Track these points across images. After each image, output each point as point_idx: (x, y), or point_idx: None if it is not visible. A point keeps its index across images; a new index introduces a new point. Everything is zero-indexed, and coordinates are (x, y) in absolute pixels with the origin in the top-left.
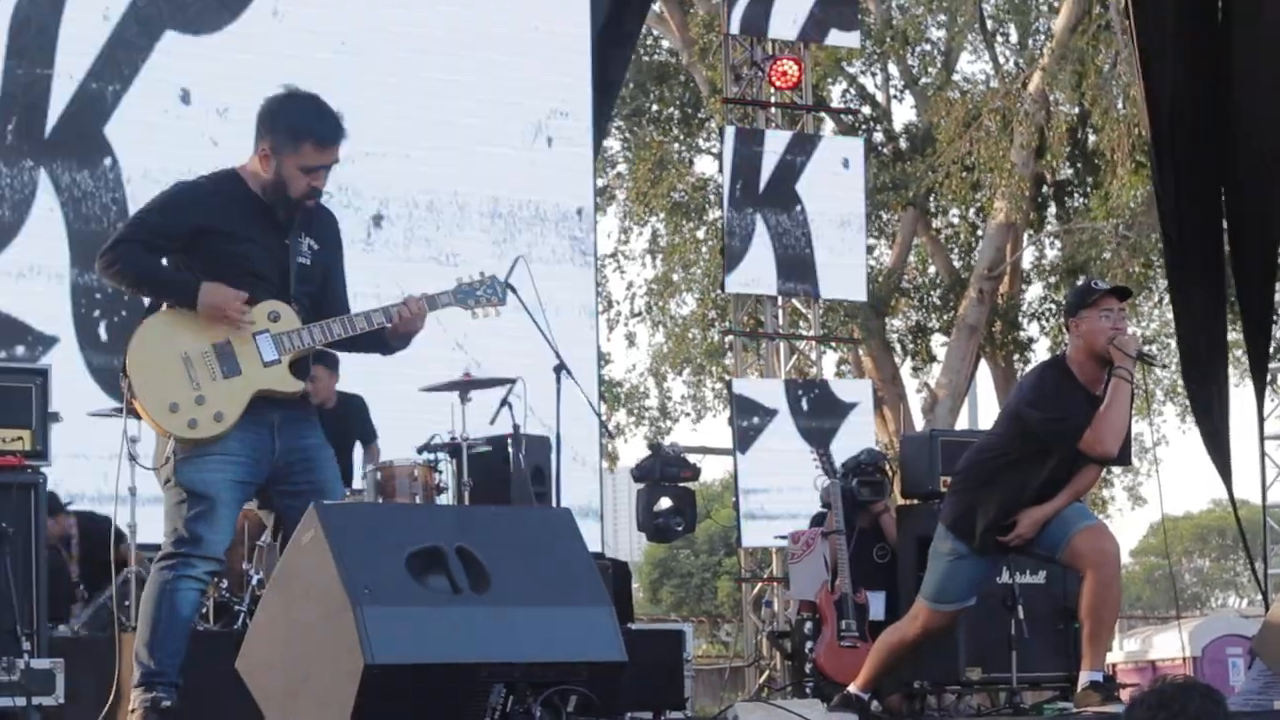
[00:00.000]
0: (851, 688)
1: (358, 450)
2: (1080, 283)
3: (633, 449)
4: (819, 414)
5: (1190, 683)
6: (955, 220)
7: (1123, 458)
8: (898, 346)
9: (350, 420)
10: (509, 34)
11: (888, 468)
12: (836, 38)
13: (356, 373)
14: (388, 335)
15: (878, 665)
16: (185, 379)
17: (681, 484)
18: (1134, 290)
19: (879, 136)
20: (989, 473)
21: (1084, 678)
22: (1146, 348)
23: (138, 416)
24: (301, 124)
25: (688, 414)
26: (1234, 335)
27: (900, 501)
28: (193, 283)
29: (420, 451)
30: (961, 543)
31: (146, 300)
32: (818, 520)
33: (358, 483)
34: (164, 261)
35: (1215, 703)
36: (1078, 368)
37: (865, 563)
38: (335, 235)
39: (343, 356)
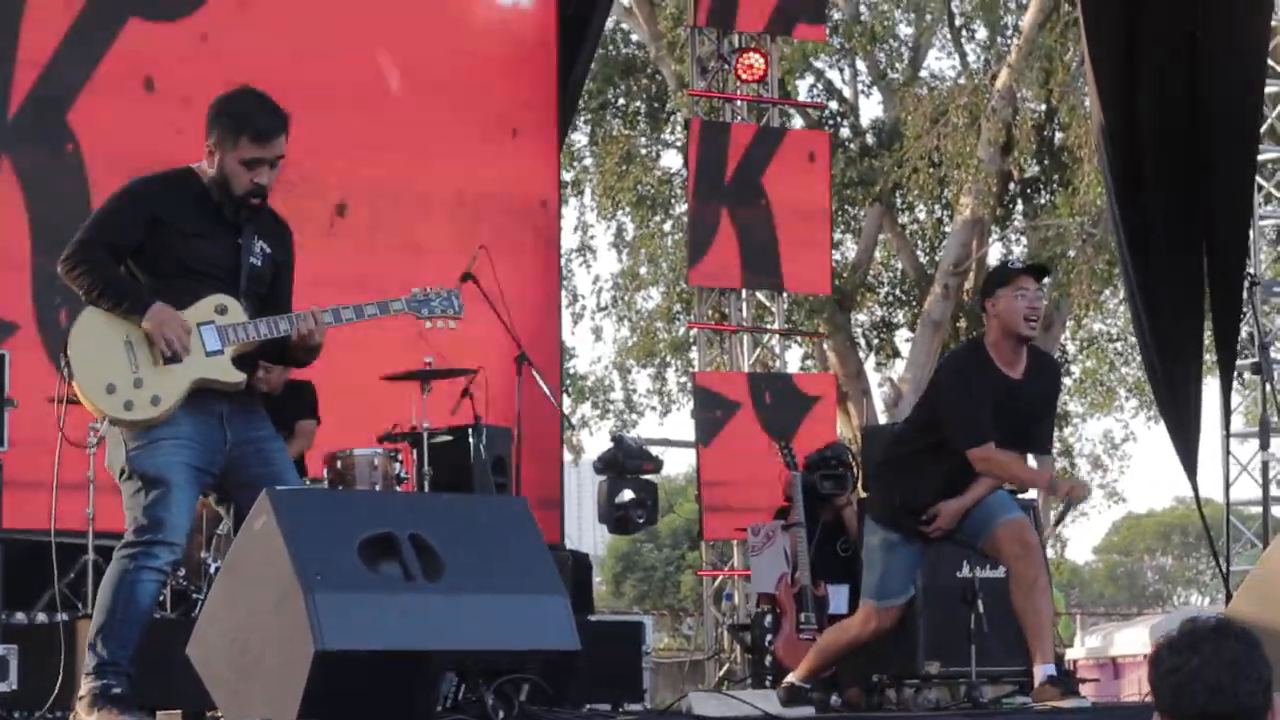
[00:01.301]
0: (793, 677)
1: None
2: (996, 264)
3: (598, 442)
4: (782, 407)
5: (1224, 624)
6: (921, 216)
7: (1041, 444)
8: (862, 341)
9: (296, 406)
10: (476, 24)
11: (851, 461)
12: (804, 32)
13: (317, 360)
14: (292, 347)
15: (821, 661)
16: (125, 362)
17: (643, 476)
18: (1099, 286)
19: (846, 132)
20: (910, 459)
21: (1039, 673)
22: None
23: (76, 400)
24: (240, 117)
25: (653, 408)
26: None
27: (862, 493)
28: (142, 302)
29: (380, 441)
30: (891, 531)
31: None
32: (779, 513)
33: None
34: (123, 266)
35: (1252, 645)
36: (994, 349)
37: (828, 556)
38: (288, 245)
39: None
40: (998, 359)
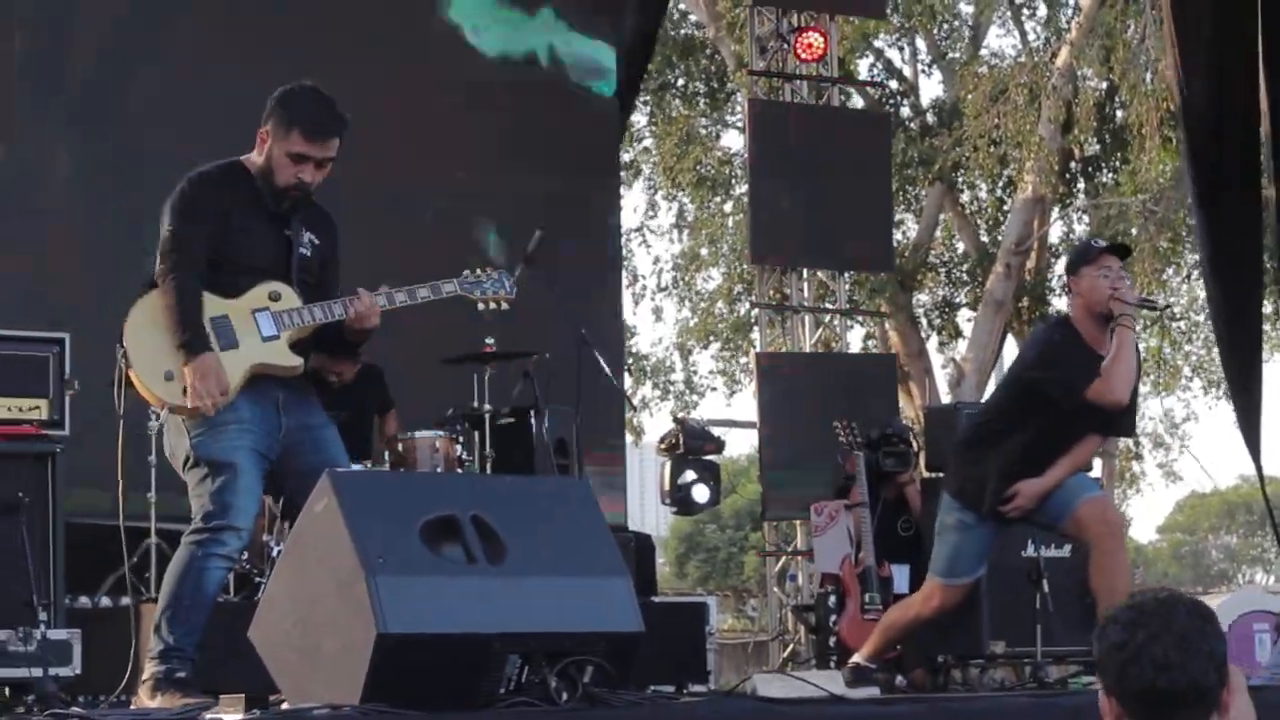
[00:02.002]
0: (859, 657)
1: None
2: (1080, 242)
3: (659, 423)
4: (845, 387)
5: (1174, 596)
6: (982, 195)
7: (1128, 426)
8: (924, 321)
9: (367, 391)
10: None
11: (913, 439)
12: (863, 10)
13: (377, 344)
14: (346, 331)
15: (886, 640)
16: None
17: (706, 457)
18: (1161, 264)
19: (906, 111)
20: (990, 438)
21: None
22: (1149, 297)
23: (133, 388)
24: (296, 111)
25: (714, 388)
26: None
27: (925, 474)
28: (198, 344)
29: (442, 424)
30: (968, 512)
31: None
32: (841, 492)
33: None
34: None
35: (1204, 618)
36: (1080, 326)
37: (889, 535)
38: (333, 239)
39: None
40: (1084, 334)
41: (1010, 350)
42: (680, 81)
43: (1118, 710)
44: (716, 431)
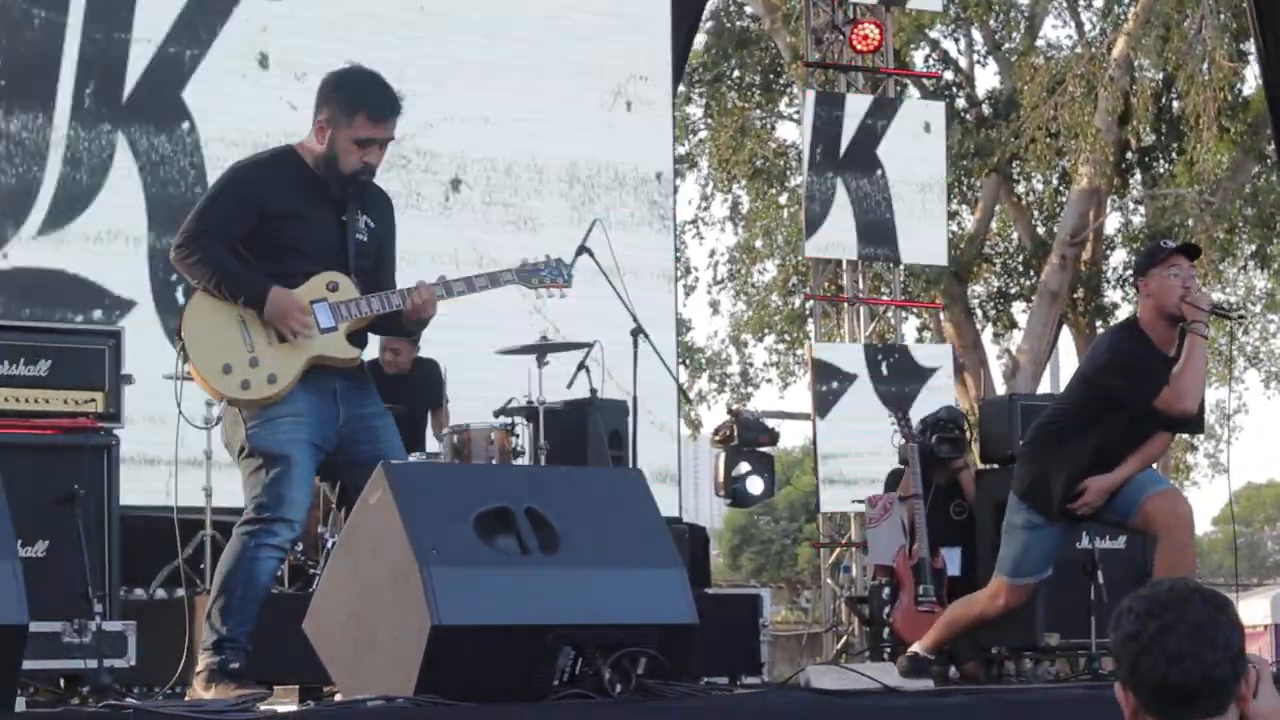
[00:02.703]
0: (917, 647)
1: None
2: (1149, 242)
3: (716, 416)
4: (899, 379)
5: (1188, 586)
6: (1038, 186)
7: (1197, 424)
8: (979, 312)
9: (426, 385)
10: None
11: (967, 425)
12: (919, 1)
13: (434, 336)
14: (403, 320)
15: (948, 634)
16: (240, 342)
17: (760, 449)
18: (1217, 255)
19: (961, 102)
20: (1058, 439)
21: None
22: (1221, 301)
23: (191, 379)
24: (356, 95)
25: (769, 380)
26: None
27: (979, 465)
28: (261, 290)
29: (497, 415)
30: (1036, 513)
31: None
32: (893, 477)
33: (433, 446)
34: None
35: (1219, 609)
36: (1150, 329)
37: (942, 519)
38: (390, 216)
39: None
40: (1153, 336)
41: (1066, 342)
42: (735, 73)
43: (1134, 703)
44: (771, 424)
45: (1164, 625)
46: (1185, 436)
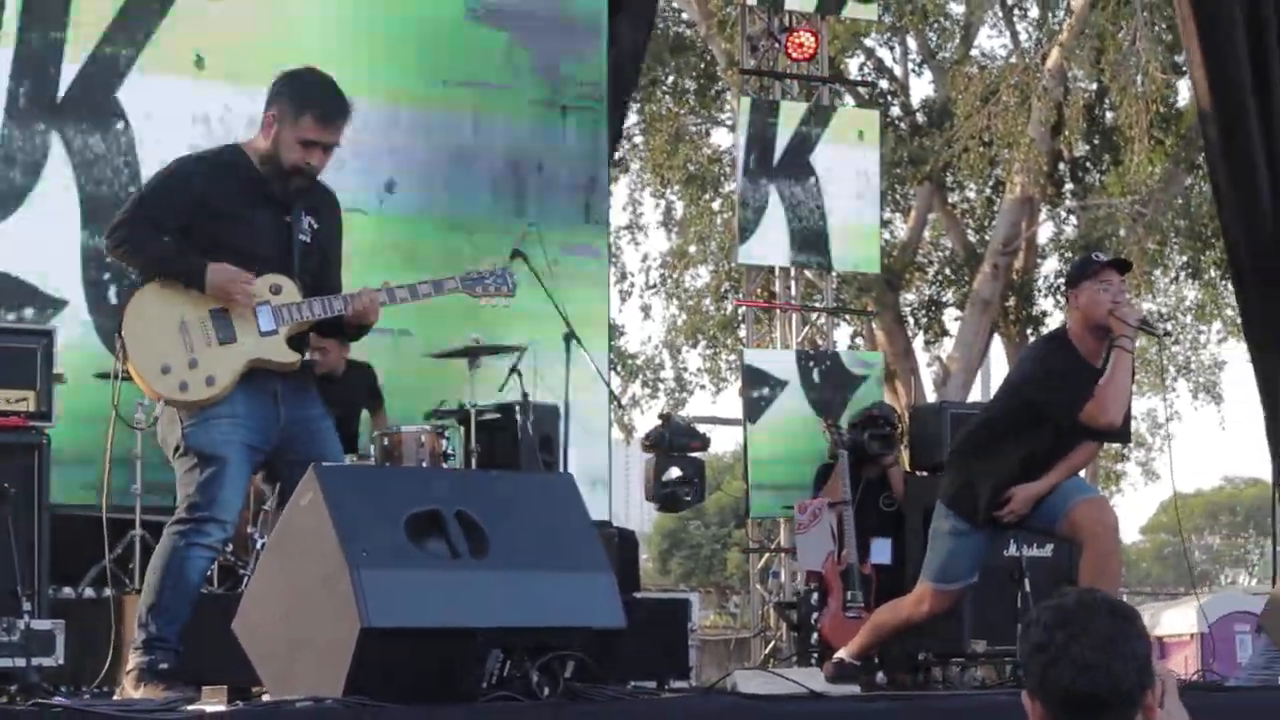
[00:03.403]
0: (844, 653)
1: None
2: (1081, 254)
3: (648, 421)
4: (830, 386)
5: (1096, 597)
6: (971, 195)
7: (1123, 433)
8: (911, 320)
9: (357, 388)
10: (526, 4)
11: (898, 422)
12: (854, 10)
13: (365, 339)
14: (345, 325)
15: (874, 639)
16: (180, 343)
17: (691, 454)
18: (1148, 266)
19: (896, 110)
20: (985, 447)
21: None
22: (1149, 317)
23: (130, 379)
24: (306, 96)
25: (702, 386)
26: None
27: (908, 470)
28: (199, 264)
29: (428, 418)
30: (962, 519)
31: None
32: (822, 473)
33: (366, 449)
34: (167, 240)
35: (1126, 619)
36: (1078, 340)
37: (872, 511)
38: (336, 215)
39: None
40: (1081, 348)
41: (997, 350)
42: (670, 79)
43: (1041, 712)
44: (702, 429)
45: (1071, 635)
46: (1116, 445)
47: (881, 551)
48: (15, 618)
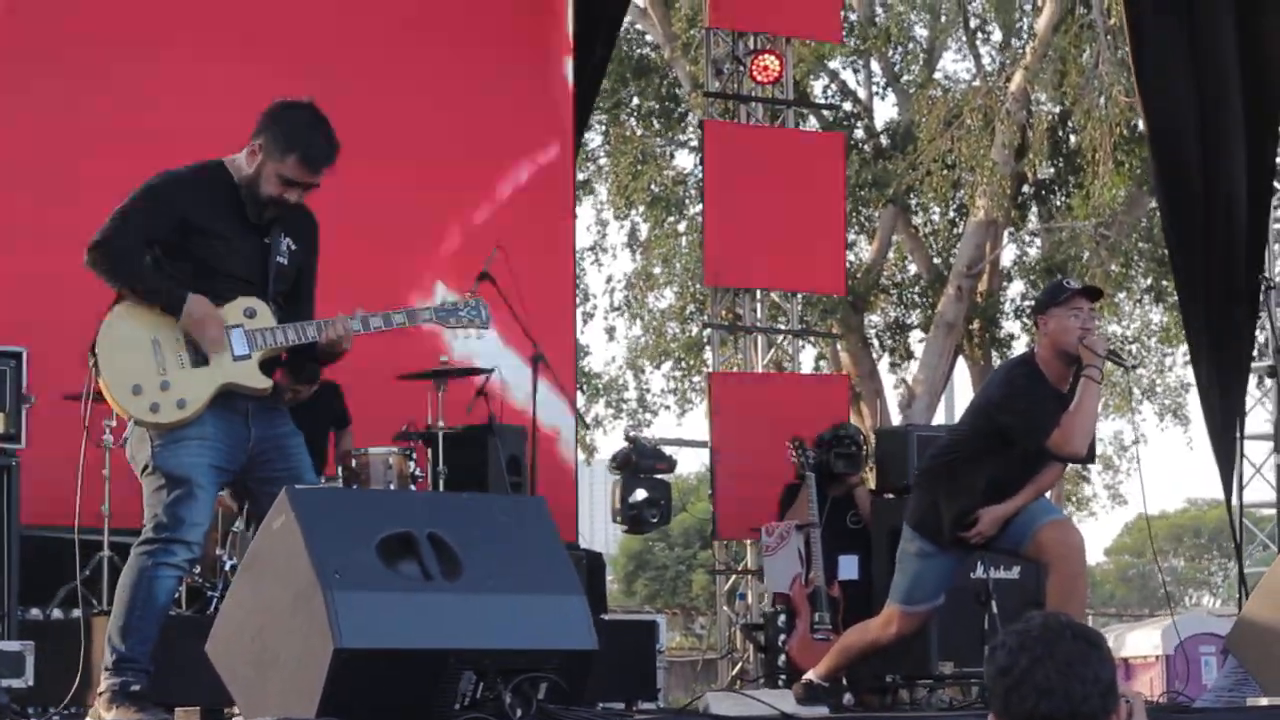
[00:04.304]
0: (812, 674)
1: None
2: (1052, 281)
3: (611, 441)
4: (795, 408)
5: (1060, 621)
6: (935, 217)
7: (1087, 457)
8: (876, 342)
9: (323, 407)
10: (489, 25)
11: (863, 441)
12: (819, 33)
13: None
14: (317, 351)
15: (842, 661)
16: (152, 363)
17: (657, 475)
18: (1113, 289)
19: (860, 133)
20: (951, 469)
21: None
22: (1117, 347)
23: (102, 398)
24: (295, 136)
25: (668, 407)
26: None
27: (873, 489)
28: (179, 295)
29: (395, 439)
30: (928, 541)
31: None
32: (789, 493)
33: (333, 469)
34: (148, 259)
35: (1090, 644)
36: (1045, 365)
37: (839, 527)
38: (313, 238)
39: None
40: (1048, 374)
41: (961, 372)
42: (634, 101)
43: None
44: (668, 450)
45: (1035, 659)
46: (1077, 467)
47: (849, 568)
48: None
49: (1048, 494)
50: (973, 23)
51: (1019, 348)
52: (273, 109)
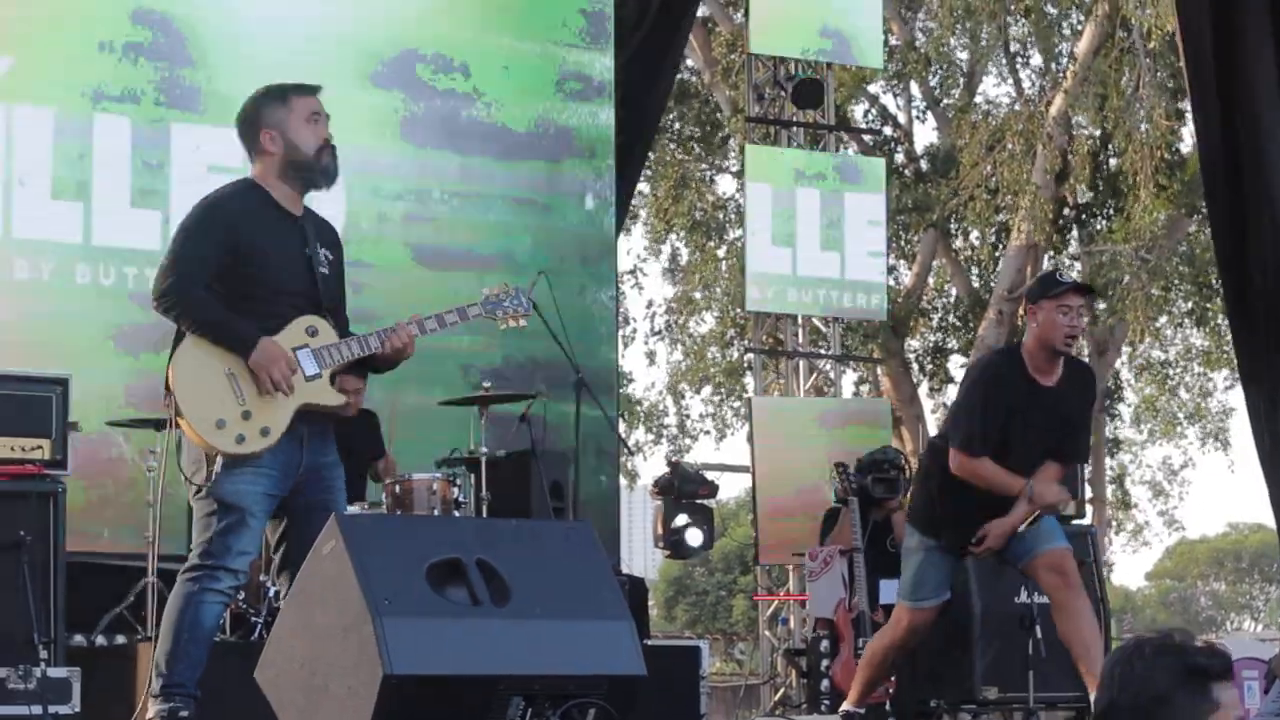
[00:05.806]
0: (847, 705)
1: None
2: (1045, 270)
3: (652, 466)
4: (837, 432)
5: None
6: (976, 241)
7: (1080, 453)
8: (916, 366)
9: (360, 435)
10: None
11: (904, 465)
12: (859, 57)
13: (375, 385)
14: (377, 361)
15: (871, 673)
16: (230, 395)
17: (699, 500)
18: (1154, 312)
19: (900, 157)
20: (946, 469)
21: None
22: (1062, 505)
23: (180, 432)
24: (277, 88)
25: (707, 432)
26: None
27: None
28: (251, 337)
29: (439, 466)
30: (929, 538)
31: None
32: (830, 517)
33: (375, 496)
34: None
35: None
36: (1029, 356)
37: (879, 552)
38: (339, 247)
39: None
40: (1031, 365)
41: None
42: (676, 125)
43: None
44: (709, 475)
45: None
46: (1124, 496)
47: (891, 592)
48: (32, 665)
49: (1088, 513)
50: (1013, 47)
51: None
52: (249, 103)
